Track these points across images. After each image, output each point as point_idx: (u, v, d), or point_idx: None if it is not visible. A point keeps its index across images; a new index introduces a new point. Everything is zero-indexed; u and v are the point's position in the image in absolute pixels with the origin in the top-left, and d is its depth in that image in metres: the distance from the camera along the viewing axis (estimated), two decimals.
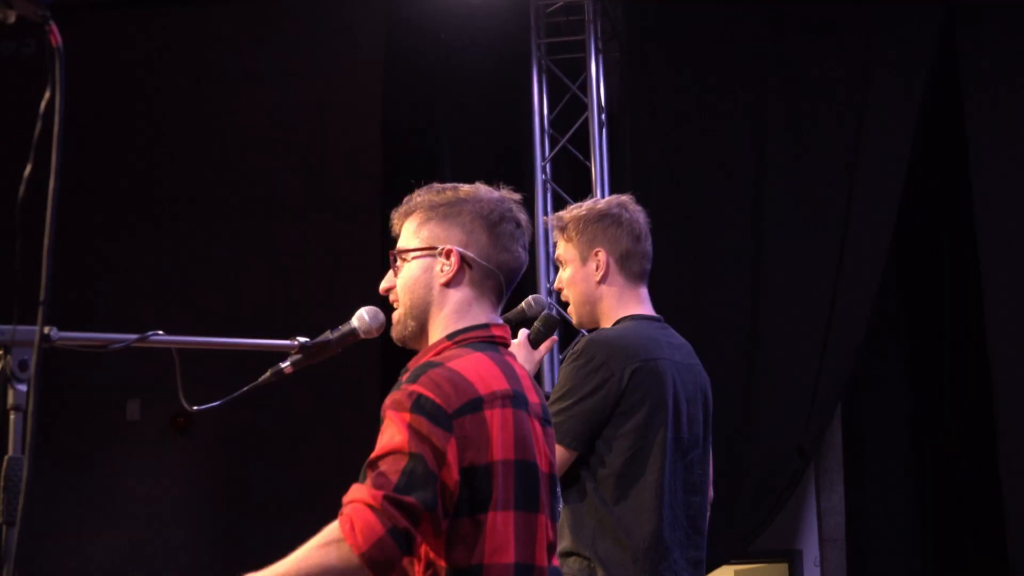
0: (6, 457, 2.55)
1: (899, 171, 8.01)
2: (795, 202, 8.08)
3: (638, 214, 4.34)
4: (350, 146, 9.30)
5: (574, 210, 4.37)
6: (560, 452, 3.91)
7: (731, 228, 7.21)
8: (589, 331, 4.38)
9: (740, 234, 7.75)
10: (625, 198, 4.39)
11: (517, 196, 3.22)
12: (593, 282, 4.31)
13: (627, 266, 4.29)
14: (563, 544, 4.16)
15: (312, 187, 9.34)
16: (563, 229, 4.35)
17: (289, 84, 9.58)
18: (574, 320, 4.37)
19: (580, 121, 7.82)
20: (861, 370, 8.17)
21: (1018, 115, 8.07)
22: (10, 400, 2.64)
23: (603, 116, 7.85)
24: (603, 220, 4.30)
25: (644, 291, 4.34)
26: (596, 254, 4.28)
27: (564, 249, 4.34)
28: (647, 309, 4.32)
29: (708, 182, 7.71)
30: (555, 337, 4.49)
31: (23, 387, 2.65)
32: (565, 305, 4.43)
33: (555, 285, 4.39)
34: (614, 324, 4.25)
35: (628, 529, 4.17)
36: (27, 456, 2.57)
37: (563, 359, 4.23)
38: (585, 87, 7.86)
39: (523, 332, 4.27)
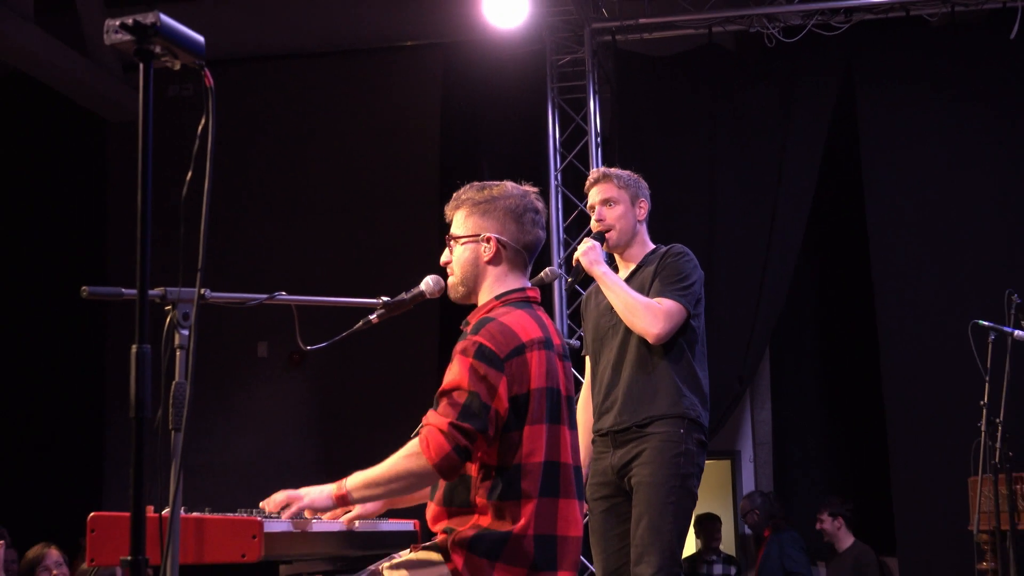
0: (174, 382, 2.60)
1: (811, 180, 8.40)
2: (737, 203, 8.46)
3: None
4: (416, 160, 9.74)
5: (626, 172, 4.53)
6: (681, 309, 4.14)
7: (691, 221, 7.76)
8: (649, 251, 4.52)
9: (698, 226, 8.13)
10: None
11: (535, 189, 3.38)
12: (636, 220, 4.43)
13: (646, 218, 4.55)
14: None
15: (389, 190, 9.79)
16: (618, 176, 4.43)
17: (375, 116, 9.90)
18: (612, 241, 4.41)
19: (582, 143, 8.19)
20: (783, 322, 8.71)
21: (898, 139, 8.47)
22: (176, 341, 2.66)
23: (599, 139, 8.24)
24: (642, 183, 4.52)
25: None
26: (641, 203, 4.44)
27: (617, 194, 4.41)
28: None
29: (674, 188, 8.16)
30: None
31: (185, 332, 2.69)
32: (602, 233, 4.45)
33: (598, 215, 4.43)
34: (653, 248, 4.45)
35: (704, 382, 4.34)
36: (188, 381, 2.61)
37: (662, 260, 4.33)
38: (586, 118, 8.23)
39: (589, 239, 4.40)
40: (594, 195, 4.42)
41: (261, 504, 3.11)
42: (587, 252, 4.27)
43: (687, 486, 4.05)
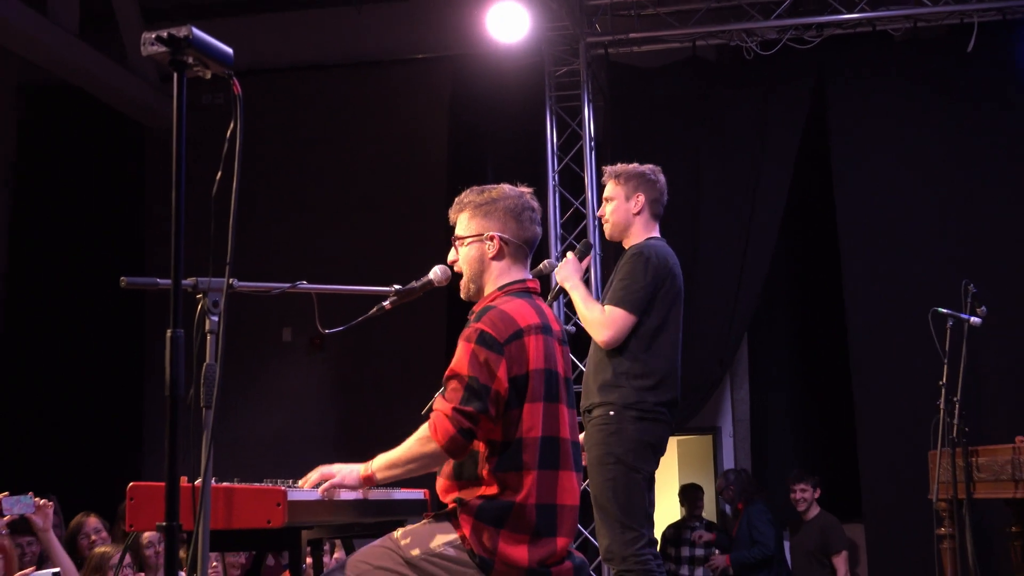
0: (205, 364, 2.60)
1: (786, 180, 8.38)
2: (719, 201, 8.45)
3: (662, 178, 4.44)
4: (426, 162, 9.63)
5: (626, 166, 4.45)
6: (624, 315, 4.10)
7: (676, 219, 7.56)
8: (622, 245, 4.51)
9: (683, 222, 8.01)
10: (656, 168, 4.48)
11: (530, 189, 3.39)
12: (632, 214, 4.35)
13: (654, 208, 4.41)
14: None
15: (401, 189, 9.77)
16: (617, 175, 4.39)
17: (389, 122, 9.84)
18: (607, 233, 4.44)
19: (577, 147, 8.19)
20: (759, 311, 8.70)
21: (865, 143, 8.47)
22: (207, 327, 2.68)
23: (592, 143, 8.20)
24: (643, 176, 4.40)
25: (658, 224, 4.46)
26: (638, 196, 4.35)
27: (613, 190, 4.39)
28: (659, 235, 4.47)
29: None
30: (590, 256, 4.79)
31: (215, 318, 2.71)
32: (589, 245, 4.58)
33: (599, 212, 4.48)
34: (644, 241, 4.34)
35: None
36: (218, 363, 2.64)
37: (621, 261, 4.32)
38: (581, 124, 8.23)
39: (571, 253, 4.41)
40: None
41: (300, 483, 3.12)
42: (561, 267, 4.33)
43: (624, 461, 4.03)
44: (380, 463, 3.07)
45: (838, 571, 7.81)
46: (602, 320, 4.11)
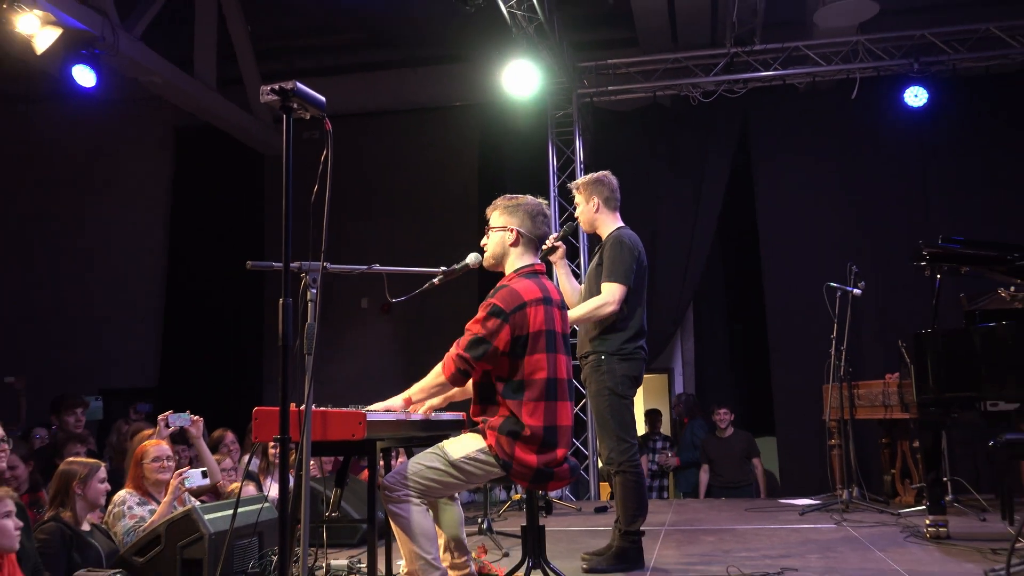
0: (306, 323, 2.57)
1: (720, 192, 8.36)
2: (672, 208, 8.44)
3: (613, 179, 4.23)
4: (461, 180, 9.54)
5: (584, 177, 4.28)
6: (617, 286, 3.94)
7: (641, 220, 7.57)
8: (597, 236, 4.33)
9: (646, 223, 7.88)
10: (606, 172, 4.25)
11: (545, 200, 3.32)
12: (594, 211, 4.19)
13: (609, 204, 4.19)
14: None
15: (443, 200, 9.68)
16: (578, 187, 4.23)
17: (436, 153, 9.83)
18: (583, 228, 4.28)
19: (571, 168, 8.12)
20: (701, 285, 8.63)
21: (779, 165, 8.54)
22: (308, 297, 2.63)
23: (582, 165, 8.12)
24: (596, 181, 4.22)
25: (619, 214, 4.24)
26: (593, 198, 4.18)
27: (578, 198, 4.24)
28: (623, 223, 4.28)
29: (630, 197, 7.62)
30: (571, 228, 4.52)
31: (314, 291, 2.67)
32: (577, 223, 4.37)
33: (576, 215, 4.27)
34: (617, 229, 4.15)
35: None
36: (315, 323, 2.59)
37: (603, 246, 4.11)
38: (574, 152, 8.17)
39: (557, 239, 4.21)
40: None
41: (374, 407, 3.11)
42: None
43: (615, 391, 3.94)
44: (414, 390, 3.07)
45: (756, 469, 7.75)
46: (601, 301, 3.93)
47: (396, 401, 3.07)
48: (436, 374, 3.03)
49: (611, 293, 3.94)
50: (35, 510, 4.40)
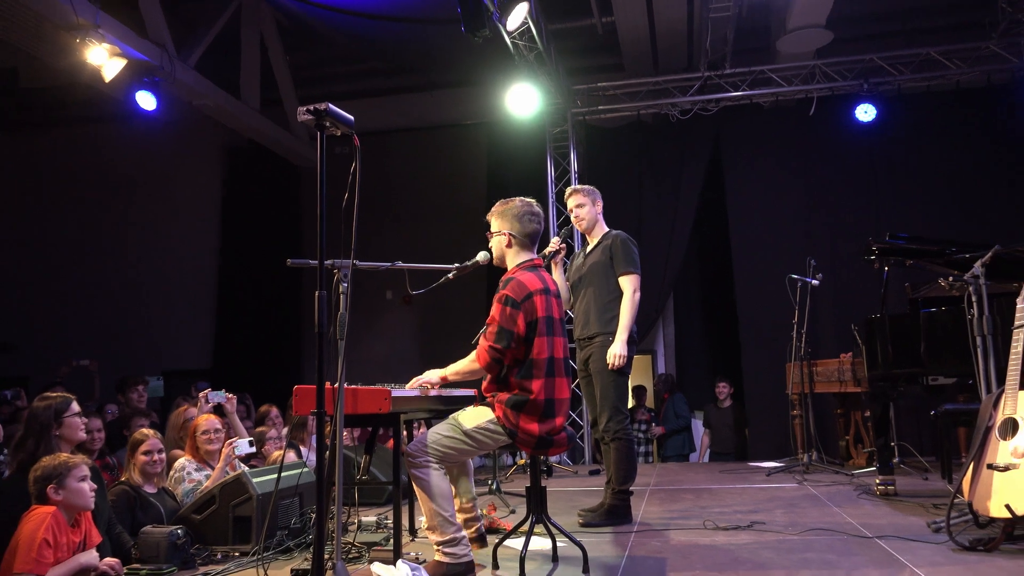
0: (339, 312, 2.55)
1: (695, 199, 8.25)
2: (654, 212, 8.33)
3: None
4: (471, 192, 9.39)
5: (585, 186, 4.29)
6: (635, 276, 4.00)
7: (626, 221, 7.59)
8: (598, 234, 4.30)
9: (631, 224, 7.87)
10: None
11: (535, 201, 3.25)
12: (596, 213, 4.22)
13: (600, 211, 4.27)
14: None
15: (454, 209, 9.52)
16: (584, 192, 4.23)
17: (449, 165, 9.78)
18: (583, 227, 4.26)
19: (566, 177, 8.07)
20: (680, 278, 8.55)
21: (748, 174, 8.36)
22: (340, 289, 2.59)
23: (576, 175, 8.06)
24: (597, 192, 4.25)
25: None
26: (597, 202, 4.23)
27: (583, 200, 4.23)
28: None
29: (618, 202, 8.14)
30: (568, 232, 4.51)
31: (345, 284, 2.62)
32: (572, 226, 4.37)
33: (579, 214, 4.23)
34: (613, 230, 4.21)
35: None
36: (346, 312, 2.57)
37: (615, 242, 4.10)
38: (568, 164, 8.09)
39: (557, 238, 4.18)
40: (571, 203, 4.28)
41: (409, 385, 3.11)
42: (614, 358, 3.96)
43: (622, 369, 3.96)
44: (450, 370, 3.06)
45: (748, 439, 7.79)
46: (631, 292, 3.96)
47: (433, 376, 3.07)
48: (471, 360, 3.02)
49: (633, 282, 4.01)
50: (108, 472, 4.42)
